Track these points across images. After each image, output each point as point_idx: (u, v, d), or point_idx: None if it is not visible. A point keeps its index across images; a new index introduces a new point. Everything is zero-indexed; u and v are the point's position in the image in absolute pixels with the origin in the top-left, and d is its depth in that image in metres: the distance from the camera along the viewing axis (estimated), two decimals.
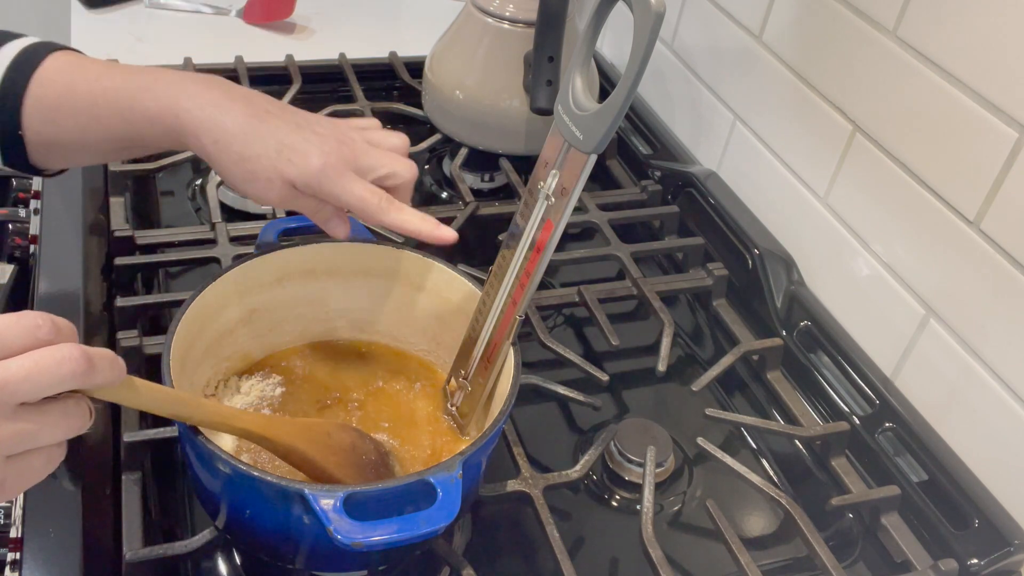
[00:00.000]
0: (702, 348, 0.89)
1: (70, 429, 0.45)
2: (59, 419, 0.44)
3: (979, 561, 0.67)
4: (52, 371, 0.42)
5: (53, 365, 0.42)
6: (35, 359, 0.42)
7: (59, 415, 0.44)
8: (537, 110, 0.89)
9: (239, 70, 1.10)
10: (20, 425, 0.42)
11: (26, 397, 0.42)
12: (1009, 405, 0.69)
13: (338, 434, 0.60)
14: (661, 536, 0.67)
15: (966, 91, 0.70)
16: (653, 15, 0.48)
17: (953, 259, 0.73)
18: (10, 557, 0.62)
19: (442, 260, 0.69)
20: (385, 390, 0.70)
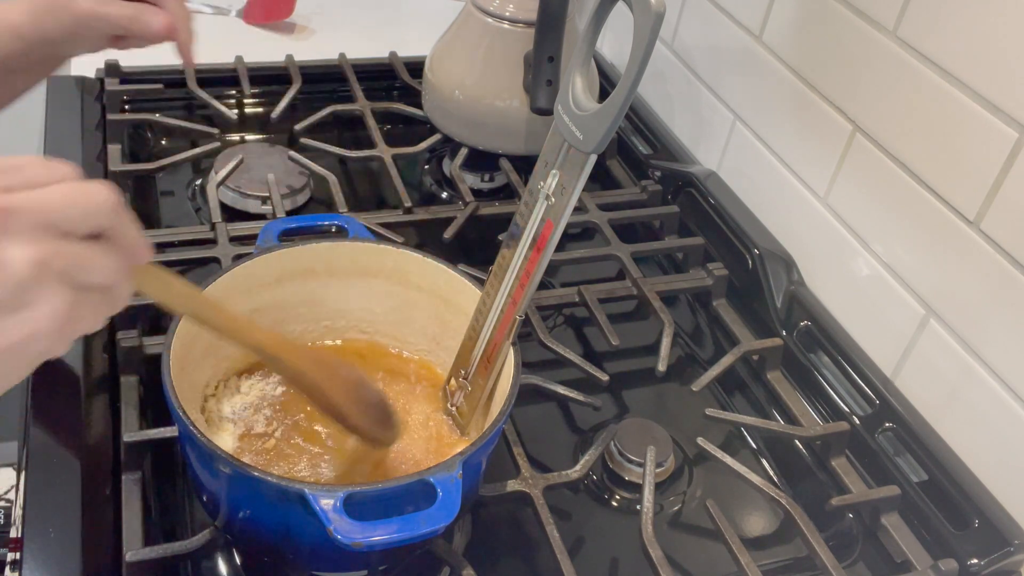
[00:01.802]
0: (702, 348, 0.89)
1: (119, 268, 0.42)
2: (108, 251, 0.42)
3: (979, 561, 0.67)
4: (90, 198, 0.41)
5: (89, 193, 0.41)
6: (70, 187, 0.41)
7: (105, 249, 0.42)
8: (537, 110, 0.89)
9: (239, 70, 1.10)
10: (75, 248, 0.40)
11: (69, 224, 0.40)
12: (1009, 405, 0.69)
13: (347, 370, 0.60)
14: (661, 536, 0.67)
15: (966, 91, 0.70)
16: (653, 15, 0.48)
17: (953, 259, 0.73)
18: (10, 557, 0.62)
19: (442, 260, 0.69)
20: (385, 390, 0.69)
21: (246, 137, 1.07)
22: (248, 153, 0.98)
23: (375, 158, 1.00)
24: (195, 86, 1.07)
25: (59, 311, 0.40)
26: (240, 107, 1.10)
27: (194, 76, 1.08)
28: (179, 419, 0.55)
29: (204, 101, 1.06)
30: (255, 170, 0.96)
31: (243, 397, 0.67)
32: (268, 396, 0.68)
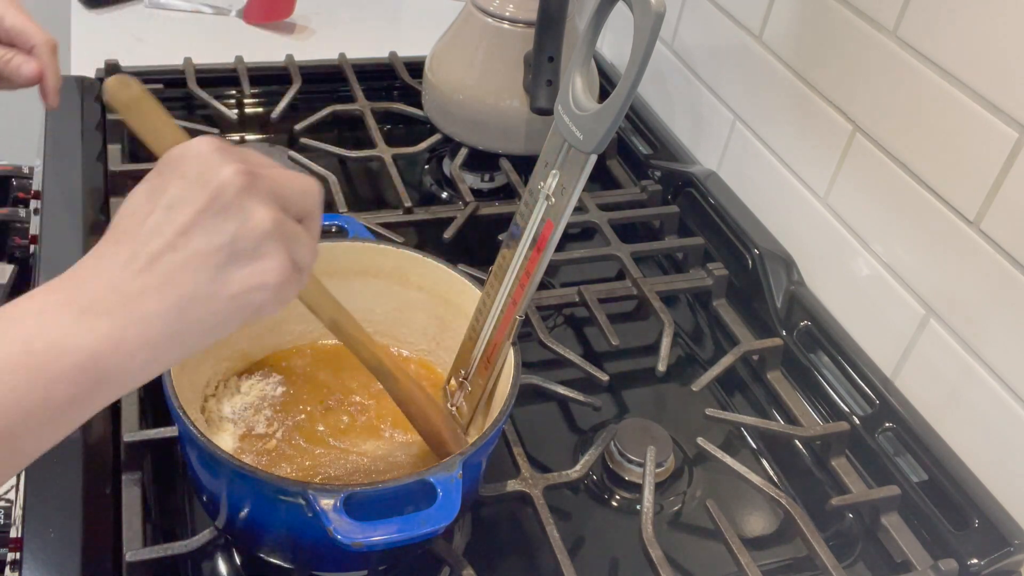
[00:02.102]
0: (702, 348, 0.89)
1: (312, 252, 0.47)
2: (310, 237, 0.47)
3: (979, 561, 0.67)
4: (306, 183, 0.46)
5: (305, 180, 0.46)
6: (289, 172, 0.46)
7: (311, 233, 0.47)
8: (537, 110, 0.89)
9: (239, 70, 1.10)
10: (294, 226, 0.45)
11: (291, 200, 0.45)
12: (1009, 405, 0.69)
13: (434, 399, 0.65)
14: (661, 536, 0.67)
15: (966, 91, 0.70)
16: (653, 15, 0.48)
17: (953, 259, 0.73)
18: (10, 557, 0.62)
19: (442, 260, 0.69)
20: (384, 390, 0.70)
21: (246, 137, 1.07)
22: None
23: (375, 158, 1.00)
24: (195, 86, 1.07)
25: (285, 268, 0.44)
26: (240, 107, 1.10)
27: (194, 76, 1.08)
28: (179, 419, 0.55)
29: (204, 101, 1.06)
30: None
31: (243, 397, 0.67)
32: (268, 396, 0.68)
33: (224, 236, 0.42)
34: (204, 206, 0.42)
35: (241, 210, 0.43)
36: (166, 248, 0.42)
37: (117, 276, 0.41)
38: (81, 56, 1.12)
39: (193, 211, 0.42)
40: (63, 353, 0.39)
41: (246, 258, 0.43)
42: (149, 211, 0.43)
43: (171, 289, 0.41)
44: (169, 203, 0.42)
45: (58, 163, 0.91)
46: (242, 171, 0.43)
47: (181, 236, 0.42)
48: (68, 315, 0.40)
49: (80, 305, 0.40)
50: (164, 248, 0.42)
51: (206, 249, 0.42)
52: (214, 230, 0.42)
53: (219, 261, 0.42)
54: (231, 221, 0.43)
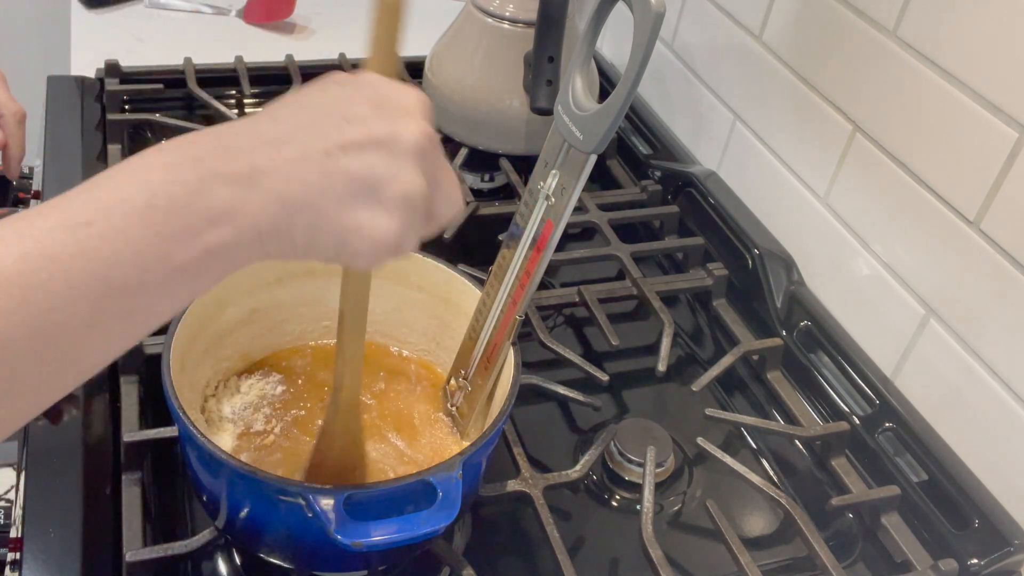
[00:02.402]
0: (702, 348, 0.89)
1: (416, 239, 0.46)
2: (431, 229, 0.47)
3: (979, 561, 0.67)
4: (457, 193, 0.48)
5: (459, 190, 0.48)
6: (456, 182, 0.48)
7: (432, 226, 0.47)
8: (537, 110, 0.89)
9: (239, 70, 1.10)
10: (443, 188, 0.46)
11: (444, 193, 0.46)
12: (1009, 405, 0.69)
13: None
14: (661, 536, 0.67)
15: (966, 91, 0.70)
16: (653, 15, 0.48)
17: (953, 259, 0.73)
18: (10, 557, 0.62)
19: (442, 260, 0.69)
20: (385, 391, 0.69)
21: None
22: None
23: None
24: (195, 86, 1.07)
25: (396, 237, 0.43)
26: (240, 107, 1.10)
27: (194, 76, 1.08)
28: (179, 419, 0.55)
29: (204, 101, 1.05)
30: None
31: (243, 397, 0.67)
32: (268, 396, 0.68)
33: (373, 173, 0.42)
34: (377, 138, 0.42)
35: (403, 163, 0.43)
36: (320, 152, 0.41)
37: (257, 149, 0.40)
38: (81, 56, 1.12)
39: (366, 135, 0.42)
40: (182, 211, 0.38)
41: (375, 205, 0.42)
42: (325, 111, 0.42)
43: (298, 185, 0.41)
44: (347, 117, 0.42)
45: (58, 163, 0.91)
46: (428, 136, 0.44)
47: (340, 149, 0.41)
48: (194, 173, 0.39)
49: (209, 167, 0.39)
50: (318, 151, 0.41)
51: (351, 170, 0.42)
52: (369, 163, 0.42)
53: (356, 190, 0.42)
54: (387, 166, 0.42)
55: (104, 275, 0.36)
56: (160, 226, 0.37)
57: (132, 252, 0.37)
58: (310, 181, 0.41)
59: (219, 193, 0.39)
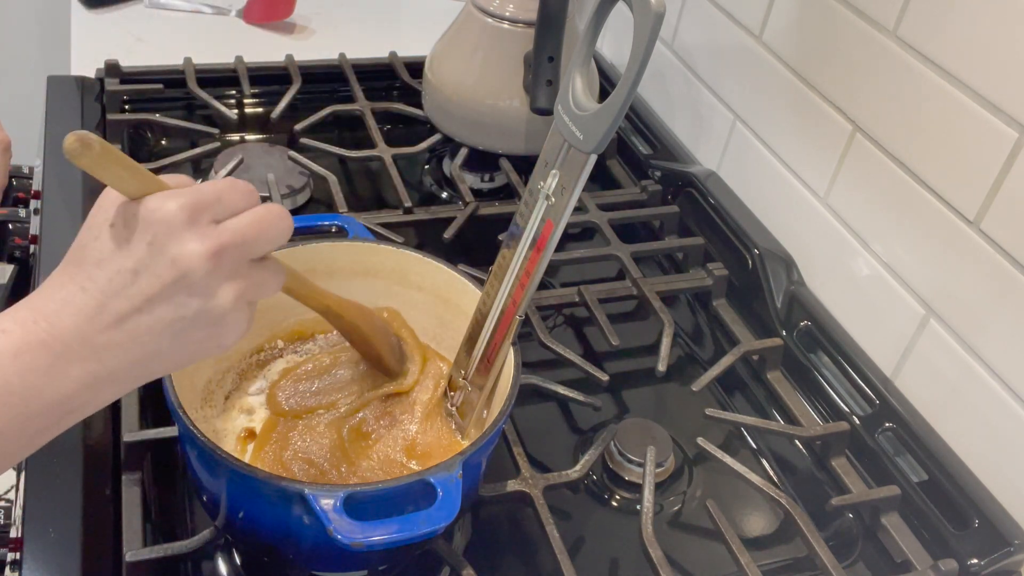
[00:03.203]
0: (702, 348, 0.89)
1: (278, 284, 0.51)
2: (274, 274, 0.50)
3: (979, 561, 0.67)
4: (276, 226, 0.48)
5: (276, 221, 0.48)
6: (260, 216, 0.48)
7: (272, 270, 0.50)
8: (537, 110, 0.89)
9: (239, 70, 1.10)
10: (257, 275, 0.48)
11: (260, 252, 0.48)
12: (1009, 405, 0.69)
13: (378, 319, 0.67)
14: (661, 536, 0.67)
15: (966, 91, 0.70)
16: (653, 15, 0.48)
17: (953, 259, 0.73)
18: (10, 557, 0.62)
19: (442, 260, 0.69)
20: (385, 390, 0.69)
21: (246, 137, 1.07)
22: (248, 153, 0.98)
23: (375, 158, 1.00)
24: (195, 86, 1.07)
25: (243, 329, 0.49)
26: (240, 107, 1.10)
27: (194, 76, 1.08)
28: (179, 419, 0.55)
29: (204, 101, 1.06)
30: (255, 170, 0.96)
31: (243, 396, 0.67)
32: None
33: (188, 310, 0.46)
34: (171, 281, 0.45)
35: (206, 290, 0.46)
36: (132, 311, 0.45)
37: (86, 326, 0.44)
38: (81, 56, 1.12)
39: (160, 284, 0.45)
40: (39, 395, 0.43)
41: (207, 327, 0.47)
42: (116, 268, 0.45)
43: (136, 346, 0.45)
44: (136, 268, 0.45)
45: (58, 163, 0.91)
46: (211, 251, 0.45)
47: (147, 302, 0.45)
48: (44, 359, 0.43)
49: (54, 350, 0.43)
50: (131, 311, 0.45)
51: (170, 318, 0.45)
52: (180, 304, 0.45)
53: (181, 328, 0.46)
54: (195, 299, 0.46)
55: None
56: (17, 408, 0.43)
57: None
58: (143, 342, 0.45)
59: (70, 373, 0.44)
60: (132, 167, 0.46)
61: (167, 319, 0.45)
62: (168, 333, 0.46)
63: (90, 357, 0.44)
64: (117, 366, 0.45)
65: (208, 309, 0.46)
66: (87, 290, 0.45)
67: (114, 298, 0.44)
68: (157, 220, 0.45)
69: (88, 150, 0.45)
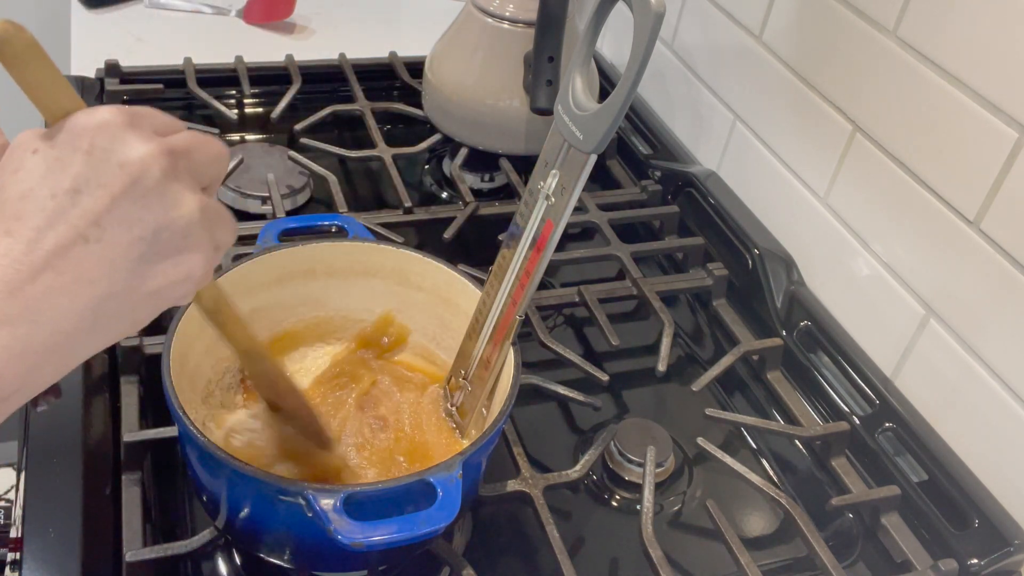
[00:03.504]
0: (702, 348, 0.89)
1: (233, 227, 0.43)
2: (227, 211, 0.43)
3: (979, 561, 0.67)
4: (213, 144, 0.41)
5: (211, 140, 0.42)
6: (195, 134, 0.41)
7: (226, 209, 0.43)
8: (537, 110, 0.89)
9: (239, 70, 1.10)
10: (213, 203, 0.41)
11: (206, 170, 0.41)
12: (1009, 405, 0.69)
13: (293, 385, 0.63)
14: (661, 536, 0.67)
15: (966, 91, 0.70)
16: (653, 15, 0.48)
17: (953, 259, 0.73)
18: (10, 557, 0.62)
19: (442, 260, 0.69)
20: (385, 391, 0.69)
21: (246, 137, 1.07)
22: (248, 153, 0.98)
23: (375, 158, 1.00)
24: (195, 86, 1.07)
25: (209, 258, 0.41)
26: (240, 107, 1.10)
27: (194, 76, 1.08)
28: (179, 419, 0.55)
29: (204, 101, 1.05)
30: (255, 170, 0.96)
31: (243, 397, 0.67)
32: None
33: (146, 227, 0.37)
34: (121, 191, 0.37)
35: (165, 197, 0.38)
36: (75, 239, 0.36)
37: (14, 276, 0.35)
38: (81, 56, 1.12)
39: (108, 196, 0.37)
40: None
41: (170, 250, 0.39)
42: (48, 192, 0.36)
43: (83, 288, 0.36)
44: (75, 184, 0.36)
45: None
46: (162, 151, 0.38)
47: (93, 225, 0.36)
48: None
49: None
50: (73, 239, 0.36)
51: (125, 241, 0.37)
52: (134, 219, 0.37)
53: (140, 253, 0.37)
54: (153, 210, 0.37)
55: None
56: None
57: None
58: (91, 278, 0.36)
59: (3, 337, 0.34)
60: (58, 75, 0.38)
61: (121, 241, 0.37)
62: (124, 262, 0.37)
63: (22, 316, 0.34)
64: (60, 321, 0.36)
65: (168, 222, 0.38)
66: (12, 232, 0.35)
67: (49, 230, 0.36)
68: (93, 127, 0.37)
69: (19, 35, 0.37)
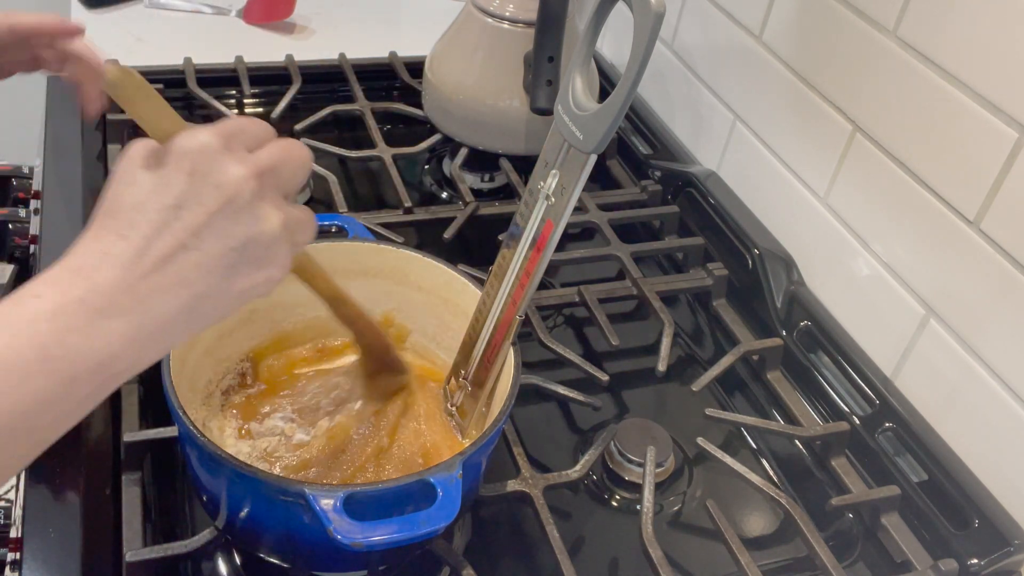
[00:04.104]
0: (702, 348, 0.89)
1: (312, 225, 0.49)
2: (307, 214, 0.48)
3: (979, 561, 0.67)
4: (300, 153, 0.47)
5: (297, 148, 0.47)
6: (283, 145, 0.47)
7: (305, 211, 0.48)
8: (537, 110, 0.89)
9: (239, 70, 1.10)
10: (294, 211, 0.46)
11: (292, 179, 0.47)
12: (1009, 405, 0.69)
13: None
14: (661, 536, 0.67)
15: (966, 91, 0.70)
16: (653, 15, 0.48)
17: (953, 259, 0.73)
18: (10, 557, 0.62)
19: (442, 260, 0.69)
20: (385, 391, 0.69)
21: None
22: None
23: (375, 158, 1.00)
24: (195, 86, 1.07)
25: (288, 265, 0.46)
26: (240, 107, 1.10)
27: (194, 76, 1.08)
28: (179, 419, 0.55)
29: (204, 101, 1.06)
30: None
31: None
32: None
33: (237, 239, 0.43)
34: (217, 209, 0.43)
35: (254, 214, 0.44)
36: (178, 248, 0.42)
37: (128, 274, 0.41)
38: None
39: (206, 213, 0.43)
40: (81, 357, 0.40)
41: (257, 259, 0.44)
42: (156, 206, 0.42)
43: (183, 289, 0.42)
44: (178, 201, 0.42)
45: (58, 163, 0.91)
46: (253, 174, 0.44)
47: (193, 236, 0.42)
48: (83, 318, 0.40)
49: (94, 306, 0.40)
50: (176, 248, 0.42)
51: (219, 251, 0.43)
52: (227, 233, 0.43)
53: (231, 261, 0.44)
54: (244, 225, 0.43)
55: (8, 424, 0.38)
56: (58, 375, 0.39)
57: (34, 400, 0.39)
58: (190, 281, 0.43)
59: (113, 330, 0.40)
60: (164, 105, 0.45)
61: (216, 252, 0.43)
62: (217, 268, 0.43)
63: (134, 308, 0.41)
64: (163, 314, 0.42)
65: (256, 236, 0.44)
66: (127, 237, 0.42)
67: (156, 239, 0.42)
68: (194, 150, 0.43)
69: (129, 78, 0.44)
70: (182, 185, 0.43)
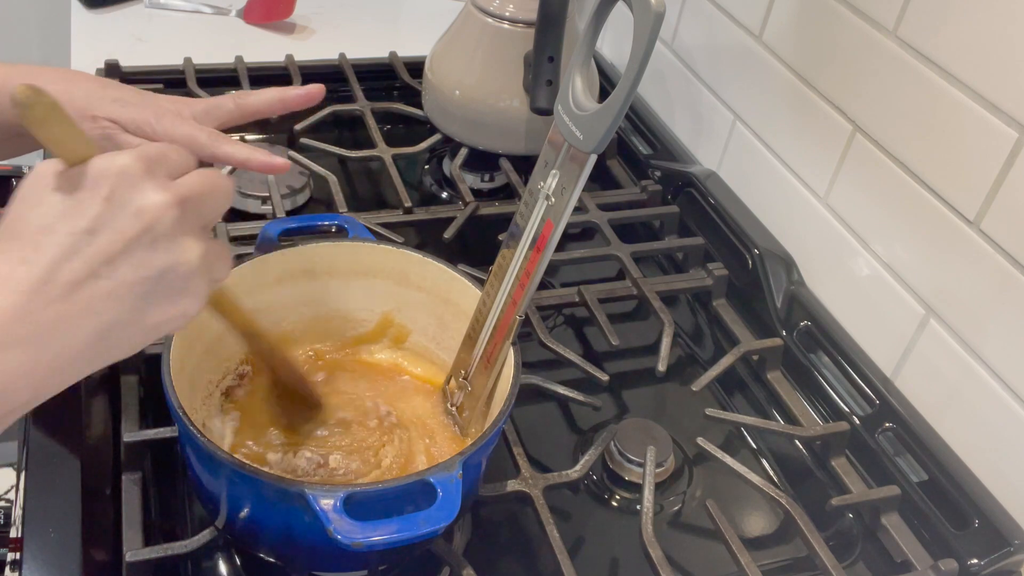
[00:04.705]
0: (702, 348, 0.89)
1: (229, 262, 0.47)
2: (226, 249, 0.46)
3: (979, 561, 0.67)
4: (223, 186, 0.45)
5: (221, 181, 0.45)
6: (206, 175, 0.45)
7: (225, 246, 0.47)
8: (537, 110, 0.89)
9: (239, 70, 1.10)
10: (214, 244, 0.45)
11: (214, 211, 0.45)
12: (1009, 405, 0.69)
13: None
14: (661, 536, 0.67)
15: (966, 91, 0.70)
16: (653, 15, 0.48)
17: (953, 259, 0.73)
18: (10, 557, 0.62)
19: (442, 260, 0.69)
20: (385, 391, 0.69)
21: (246, 137, 1.07)
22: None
23: (375, 158, 1.00)
24: (195, 86, 1.07)
25: (204, 299, 0.45)
26: None
27: (194, 76, 1.08)
28: (179, 419, 0.55)
29: None
30: None
31: None
32: None
33: (154, 269, 0.41)
34: (134, 236, 0.41)
35: (173, 244, 0.42)
36: (88, 275, 0.40)
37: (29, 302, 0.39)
38: (81, 56, 1.12)
39: (122, 240, 0.40)
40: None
41: (173, 292, 0.43)
42: (67, 230, 0.40)
43: (91, 319, 0.40)
44: (92, 226, 0.40)
45: None
46: (175, 201, 0.42)
47: (106, 264, 0.40)
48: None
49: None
50: (86, 275, 0.40)
51: (133, 280, 0.41)
52: (143, 262, 0.41)
53: (145, 292, 0.42)
54: (162, 254, 0.42)
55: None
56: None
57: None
58: (98, 310, 0.40)
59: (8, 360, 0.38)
60: (76, 130, 0.42)
61: (129, 280, 0.40)
62: (129, 298, 0.41)
63: (33, 339, 0.38)
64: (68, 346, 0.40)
65: (174, 266, 0.42)
66: (31, 261, 0.39)
67: (64, 264, 0.39)
68: (113, 174, 0.41)
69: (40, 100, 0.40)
70: (97, 209, 0.40)
